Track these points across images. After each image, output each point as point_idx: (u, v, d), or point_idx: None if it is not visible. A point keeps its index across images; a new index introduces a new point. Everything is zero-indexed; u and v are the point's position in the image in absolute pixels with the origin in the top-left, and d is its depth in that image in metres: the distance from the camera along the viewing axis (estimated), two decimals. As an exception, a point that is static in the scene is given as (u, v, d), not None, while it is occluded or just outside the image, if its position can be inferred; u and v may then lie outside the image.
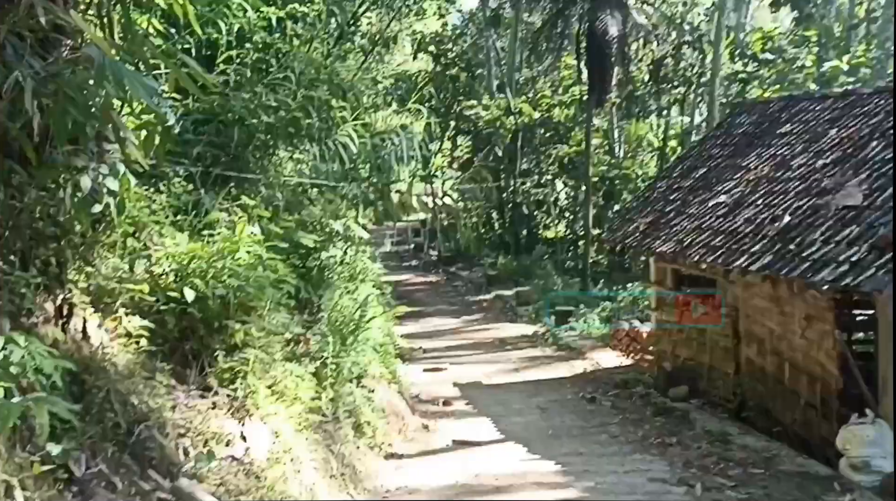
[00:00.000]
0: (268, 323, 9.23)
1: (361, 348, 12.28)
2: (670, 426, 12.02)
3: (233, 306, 8.55)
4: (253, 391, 8.30)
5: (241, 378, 8.40)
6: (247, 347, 8.62)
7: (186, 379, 8.30)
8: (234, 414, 8.10)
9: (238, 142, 11.17)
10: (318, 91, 11.93)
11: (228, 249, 9.06)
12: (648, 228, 14.38)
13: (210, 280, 8.47)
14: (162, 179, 10.36)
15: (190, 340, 8.36)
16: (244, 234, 9.30)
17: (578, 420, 12.79)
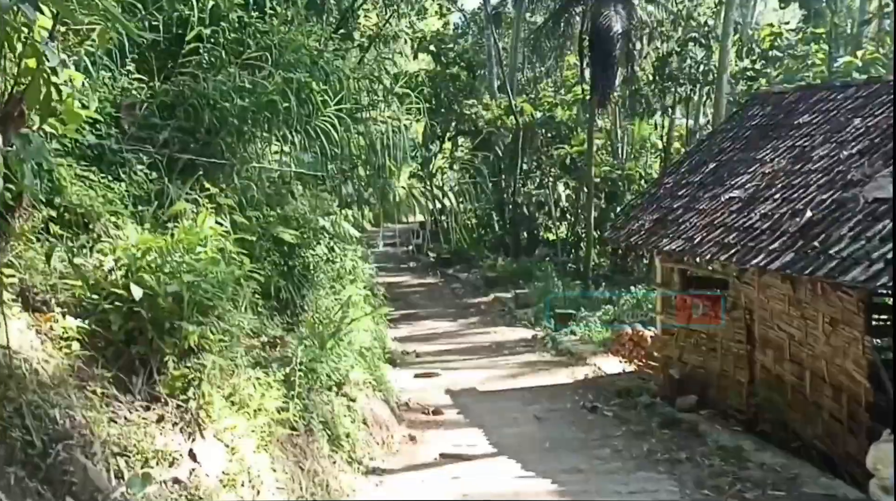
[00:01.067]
0: (229, 325, 8.13)
1: (342, 352, 11.17)
2: (678, 439, 10.88)
3: (187, 305, 7.45)
4: (208, 402, 7.19)
5: (194, 386, 7.31)
6: (203, 351, 7.53)
7: (131, 388, 7.23)
8: (184, 429, 6.99)
9: (209, 128, 10.08)
10: (298, 73, 10.85)
11: (187, 242, 7.98)
12: (655, 226, 13.25)
13: (162, 275, 7.39)
14: (122, 166, 9.31)
15: (137, 344, 7.29)
16: (206, 226, 8.24)
17: (578, 432, 11.66)
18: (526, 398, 13.83)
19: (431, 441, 11.51)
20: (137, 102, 9.92)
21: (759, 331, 11.21)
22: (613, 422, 12.07)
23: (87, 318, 7.00)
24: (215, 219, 8.65)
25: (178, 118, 10.04)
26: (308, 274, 13.42)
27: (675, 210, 13.18)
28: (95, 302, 7.08)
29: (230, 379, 7.81)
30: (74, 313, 7.04)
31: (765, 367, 11.08)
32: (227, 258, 8.43)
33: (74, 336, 6.59)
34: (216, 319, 7.80)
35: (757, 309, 11.27)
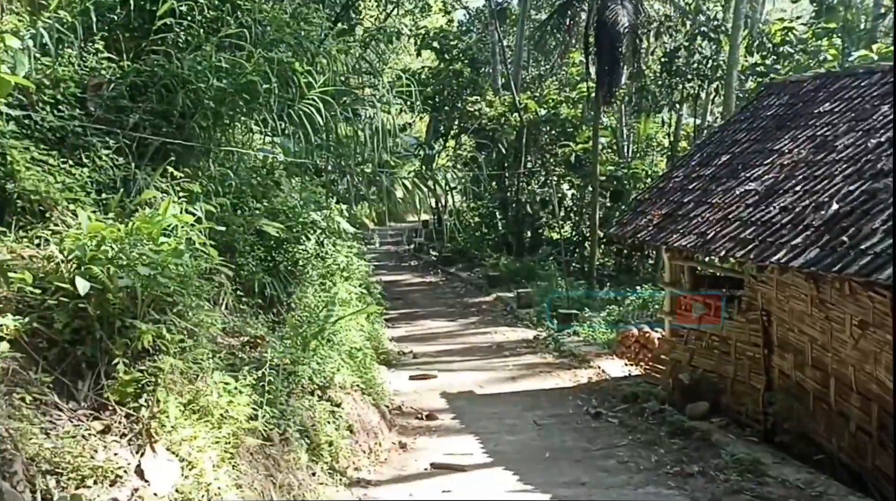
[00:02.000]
0: (193, 323, 7.22)
1: (327, 353, 10.25)
2: (689, 450, 9.93)
3: (142, 301, 6.56)
4: (162, 410, 6.29)
5: (147, 392, 6.40)
6: (159, 353, 6.63)
7: (76, 395, 6.33)
8: (132, 441, 6.09)
9: (183, 111, 9.17)
10: (280, 52, 9.93)
11: (147, 231, 7.07)
12: (664, 221, 12.29)
13: (113, 267, 6.49)
14: (86, 150, 8.43)
15: (84, 344, 6.40)
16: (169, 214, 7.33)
17: (581, 441, 10.71)
18: (526, 402, 12.89)
19: (423, 448, 10.59)
20: (105, 82, 9.05)
21: (778, 334, 10.26)
22: (619, 430, 11.12)
23: (30, 315, 6.14)
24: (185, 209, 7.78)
25: (149, 100, 9.16)
26: (296, 270, 12.54)
27: (685, 204, 12.23)
28: (40, 298, 6.23)
29: (192, 383, 6.90)
30: (15, 309, 6.18)
31: (783, 373, 10.13)
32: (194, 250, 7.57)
33: (4, 335, 5.73)
34: (176, 317, 6.90)
35: (775, 310, 10.31)
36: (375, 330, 16.51)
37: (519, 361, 15.96)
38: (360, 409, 10.43)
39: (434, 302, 23.90)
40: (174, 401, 6.42)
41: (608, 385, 13.59)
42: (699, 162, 13.37)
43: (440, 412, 12.41)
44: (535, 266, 25.94)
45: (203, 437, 6.47)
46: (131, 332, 6.38)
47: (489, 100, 30.94)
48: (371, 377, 12.08)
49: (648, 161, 31.87)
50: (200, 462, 6.27)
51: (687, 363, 12.20)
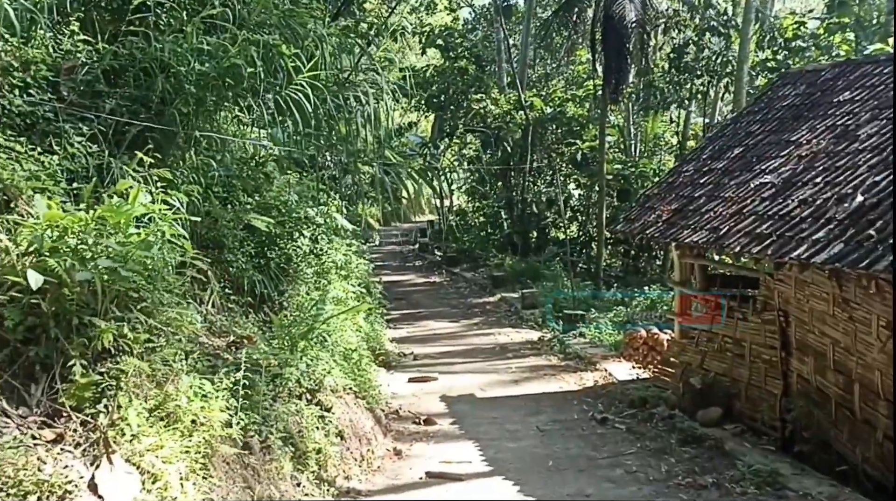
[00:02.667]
0: (162, 321, 6.60)
1: (317, 354, 9.63)
2: (702, 460, 9.27)
3: (102, 296, 5.94)
4: (122, 416, 5.67)
5: (108, 397, 5.79)
6: (122, 354, 6.01)
7: (27, 400, 5.73)
8: (87, 451, 5.46)
9: (162, 96, 8.56)
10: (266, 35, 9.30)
11: (114, 222, 6.45)
12: (673, 217, 11.62)
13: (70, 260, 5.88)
14: (57, 136, 7.82)
15: (38, 344, 5.79)
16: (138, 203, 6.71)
17: (586, 448, 10.04)
18: (528, 406, 12.22)
19: (419, 455, 9.93)
20: (78, 65, 8.43)
21: (796, 336, 9.58)
22: (626, 437, 10.44)
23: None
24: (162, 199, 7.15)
25: (126, 84, 8.56)
26: (289, 267, 11.92)
27: (696, 199, 11.56)
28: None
29: (160, 387, 6.28)
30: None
31: (802, 377, 9.45)
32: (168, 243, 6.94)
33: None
34: (143, 314, 6.27)
35: (793, 310, 9.63)
36: (375, 331, 15.89)
37: (522, 363, 15.29)
38: (353, 414, 9.79)
39: (437, 302, 23.24)
40: (138, 407, 5.80)
41: (615, 388, 12.90)
42: (710, 155, 12.71)
43: (439, 416, 11.75)
44: (541, 266, 25.26)
45: (170, 446, 5.84)
46: (91, 331, 5.77)
47: (494, 98, 30.26)
48: (366, 379, 11.45)
49: (656, 160, 31.22)
50: (165, 474, 5.64)
51: (698, 366, 11.52)
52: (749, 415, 10.34)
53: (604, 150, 25.36)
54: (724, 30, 24.21)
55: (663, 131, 33.59)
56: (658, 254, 28.31)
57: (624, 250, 28.48)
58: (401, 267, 30.60)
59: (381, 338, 16.12)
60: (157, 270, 6.50)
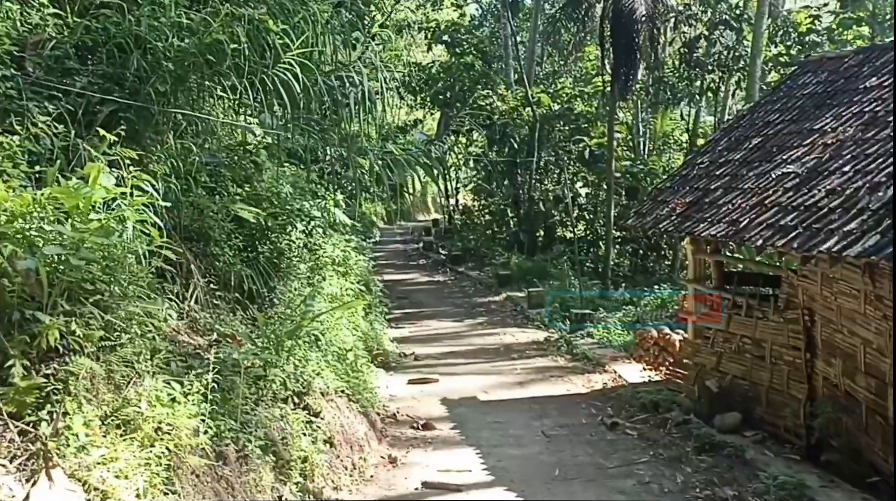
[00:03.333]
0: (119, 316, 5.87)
1: (305, 354, 8.90)
2: (721, 470, 8.52)
3: (48, 288, 5.22)
4: (67, 425, 4.95)
5: (53, 402, 5.07)
6: (72, 353, 5.29)
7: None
8: (23, 465, 4.75)
9: (138, 74, 7.85)
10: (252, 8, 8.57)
11: (71, 205, 5.74)
12: (688, 210, 10.87)
13: (12, 246, 5.17)
14: (20, 116, 7.11)
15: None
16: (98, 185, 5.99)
17: (595, 456, 9.29)
18: (534, 410, 11.47)
19: (416, 463, 9.20)
20: (45, 39, 7.72)
21: (822, 336, 8.80)
22: (638, 444, 9.69)
23: None
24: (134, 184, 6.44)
25: (99, 61, 7.86)
26: (280, 262, 11.20)
27: (712, 191, 10.81)
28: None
29: (118, 390, 5.56)
30: None
31: (829, 381, 8.67)
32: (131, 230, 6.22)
33: None
34: (98, 309, 5.55)
35: (819, 308, 8.86)
36: (374, 331, 15.18)
37: (528, 364, 14.54)
38: (345, 418, 9.05)
39: (441, 301, 22.49)
40: (89, 414, 5.08)
41: (625, 391, 12.13)
42: (726, 146, 11.94)
43: (439, 420, 11.01)
44: (548, 265, 24.50)
45: (126, 458, 5.12)
46: (35, 327, 5.06)
47: (501, 95, 29.52)
48: (362, 381, 10.72)
49: (665, 158, 30.44)
50: (118, 490, 4.91)
51: (714, 368, 10.76)
52: (770, 421, 9.57)
53: (612, 147, 24.58)
54: (736, 24, 23.38)
55: (672, 129, 32.83)
56: (667, 254, 27.56)
57: (632, 249, 27.74)
58: (404, 265, 29.84)
59: (380, 338, 15.40)
60: (119, 260, 5.78)
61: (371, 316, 16.09)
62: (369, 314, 15.97)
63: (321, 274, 12.07)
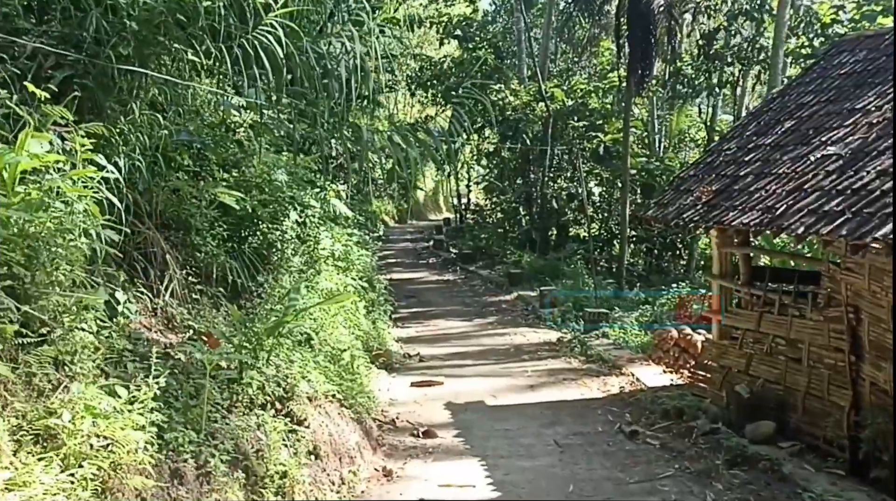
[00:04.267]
0: (48, 308, 4.87)
1: (288, 355, 7.90)
2: (758, 487, 7.45)
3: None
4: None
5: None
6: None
7: None
8: None
9: (97, 36, 6.86)
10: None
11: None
12: (715, 198, 9.79)
13: None
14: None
15: None
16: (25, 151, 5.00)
17: (614, 469, 8.22)
18: (546, 416, 10.42)
19: (413, 477, 8.17)
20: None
21: (870, 337, 7.69)
22: (661, 455, 8.61)
23: None
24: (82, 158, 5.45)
25: (53, 20, 6.90)
26: (270, 254, 10.22)
27: (742, 178, 9.72)
28: None
29: (40, 398, 4.57)
30: None
31: (878, 387, 7.57)
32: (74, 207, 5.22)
33: None
34: (14, 298, 4.56)
35: (867, 305, 7.76)
36: (376, 330, 14.16)
37: (539, 366, 13.49)
38: (334, 426, 8.02)
39: (450, 300, 21.46)
40: (0, 428, 4.08)
41: (644, 396, 11.05)
42: (756, 131, 10.85)
43: (442, 427, 9.98)
44: (561, 263, 23.42)
45: (43, 481, 4.11)
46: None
47: (513, 89, 28.44)
48: (358, 384, 9.70)
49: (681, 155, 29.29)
50: (26, 521, 3.91)
51: (743, 371, 9.67)
52: (808, 431, 8.48)
53: (628, 143, 23.45)
54: (757, 14, 22.22)
55: (688, 126, 31.69)
56: (682, 253, 26.46)
57: (647, 248, 26.66)
58: (414, 264, 28.84)
59: (383, 338, 14.39)
60: (45, 240, 4.78)
61: (374, 315, 15.09)
62: (372, 312, 14.97)
63: (316, 267, 11.07)
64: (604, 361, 13.47)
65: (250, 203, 9.77)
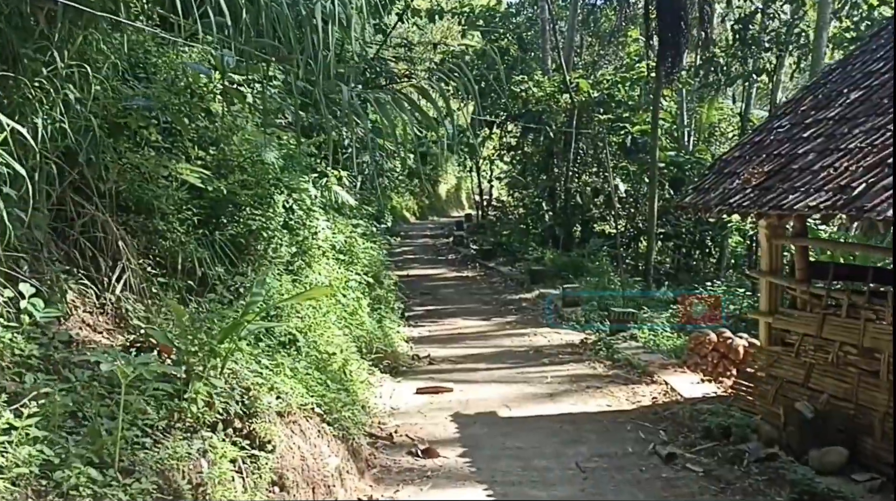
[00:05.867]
0: None
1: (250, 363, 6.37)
2: (834, 536, 5.76)
3: None
4: None
5: None
6: None
7: None
8: None
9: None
10: None
11: None
12: (768, 180, 8.13)
13: None
14: None
15: None
16: None
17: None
18: (566, 432, 8.82)
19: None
20: None
21: (976, 347, 6.03)
22: (706, 486, 6.97)
23: None
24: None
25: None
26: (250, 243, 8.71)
27: (802, 156, 8.06)
28: None
29: None
30: None
31: None
32: None
33: None
34: None
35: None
36: (383, 329, 12.63)
37: (560, 371, 11.87)
38: (310, 447, 6.48)
39: (468, 298, 19.89)
40: None
41: (681, 409, 9.39)
42: (813, 105, 9.17)
43: (446, 444, 8.41)
44: (585, 260, 21.75)
45: None
46: None
47: (537, 80, 26.78)
48: (348, 393, 8.16)
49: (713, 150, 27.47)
50: None
51: (801, 384, 8.01)
52: (888, 461, 6.80)
53: (657, 134, 21.66)
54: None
55: (719, 120, 29.88)
56: (713, 251, 24.71)
57: (675, 245, 24.91)
58: (433, 260, 27.29)
59: (390, 338, 12.85)
60: None
61: (380, 313, 13.56)
62: (378, 310, 13.44)
63: (305, 259, 9.54)
64: (632, 367, 11.82)
65: (225, 184, 8.29)
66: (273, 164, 9.36)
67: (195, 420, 5.39)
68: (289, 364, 7.17)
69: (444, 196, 43.61)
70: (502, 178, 33.89)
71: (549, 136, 26.58)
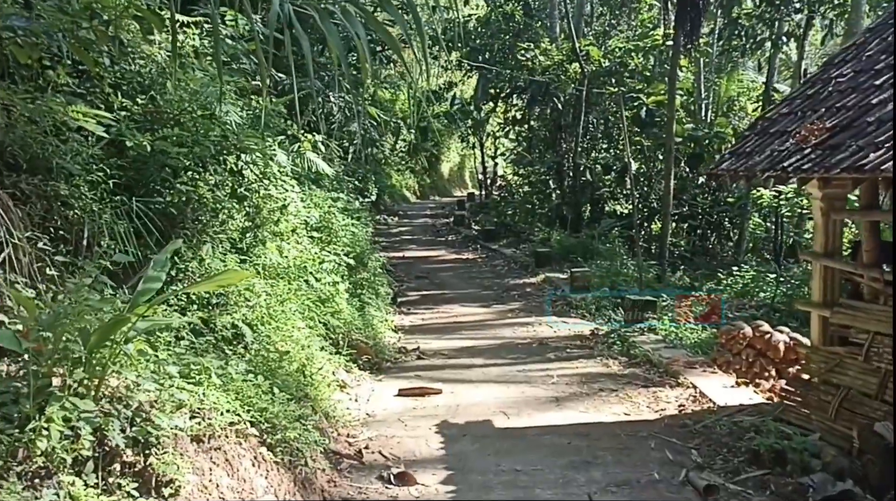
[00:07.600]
0: None
1: (144, 371, 4.76)
2: None
3: None
4: None
5: None
6: None
7: None
8: None
9: None
10: None
11: None
12: (831, 138, 6.47)
13: None
14: None
15: None
16: None
17: (686, 561, 4.99)
18: (576, 450, 7.21)
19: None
20: None
21: None
22: (759, 534, 5.36)
23: None
24: None
25: None
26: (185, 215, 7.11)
27: (875, 107, 6.40)
28: None
29: None
30: None
31: None
32: None
33: None
34: None
35: None
36: (363, 318, 11.05)
37: (568, 369, 10.27)
38: (235, 482, 4.88)
39: (467, 282, 18.28)
40: None
41: (716, 421, 7.75)
42: (881, 49, 7.49)
43: (426, 465, 6.81)
44: (595, 242, 20.09)
45: None
46: None
47: (544, 48, 25.00)
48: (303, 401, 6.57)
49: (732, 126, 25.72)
50: None
51: (874, 396, 6.37)
52: None
53: (673, 105, 19.87)
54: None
55: (738, 94, 28.12)
56: (731, 233, 23.02)
57: (690, 226, 23.20)
58: (431, 241, 25.69)
59: (374, 328, 11.28)
60: None
61: (365, 299, 11.98)
62: (361, 295, 11.85)
63: (257, 235, 7.93)
64: (652, 365, 10.21)
65: (150, 140, 6.69)
66: (230, 123, 7.78)
67: (47, 459, 3.79)
68: (217, 368, 5.57)
69: (446, 174, 41.90)
70: (507, 155, 32.23)
71: (556, 109, 24.85)
